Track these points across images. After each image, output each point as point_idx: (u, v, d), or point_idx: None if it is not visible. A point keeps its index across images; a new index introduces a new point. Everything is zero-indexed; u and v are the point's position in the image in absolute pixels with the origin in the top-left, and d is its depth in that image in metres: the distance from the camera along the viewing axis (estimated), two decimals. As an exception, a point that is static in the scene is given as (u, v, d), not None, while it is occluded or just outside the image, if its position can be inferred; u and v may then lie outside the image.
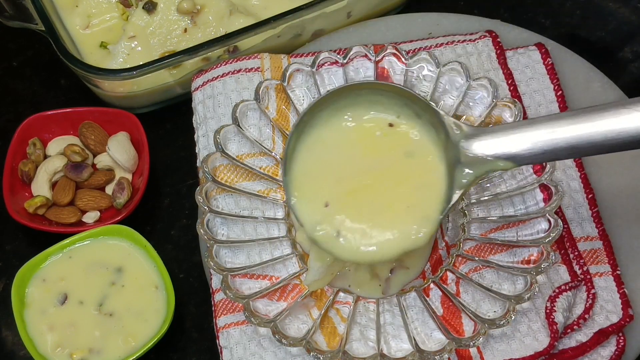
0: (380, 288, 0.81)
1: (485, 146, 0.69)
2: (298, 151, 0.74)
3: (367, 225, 0.72)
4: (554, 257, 0.77)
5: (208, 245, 0.80)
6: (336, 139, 0.75)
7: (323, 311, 0.79)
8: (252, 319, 0.76)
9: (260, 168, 0.86)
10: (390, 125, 0.74)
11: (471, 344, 0.74)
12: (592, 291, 0.80)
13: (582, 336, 0.78)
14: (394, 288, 0.81)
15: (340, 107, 0.75)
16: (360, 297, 0.81)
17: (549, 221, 0.79)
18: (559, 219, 0.79)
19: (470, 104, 0.87)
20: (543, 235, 0.79)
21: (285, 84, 0.88)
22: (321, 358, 0.75)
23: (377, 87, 0.74)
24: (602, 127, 0.65)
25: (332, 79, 0.89)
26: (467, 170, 0.70)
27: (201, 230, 0.80)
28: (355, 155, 0.74)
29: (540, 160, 0.69)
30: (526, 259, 0.79)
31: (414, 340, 0.77)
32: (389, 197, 0.72)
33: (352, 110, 0.75)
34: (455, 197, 0.70)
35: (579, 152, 0.67)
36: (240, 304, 0.78)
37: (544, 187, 0.81)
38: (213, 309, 0.82)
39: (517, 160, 0.68)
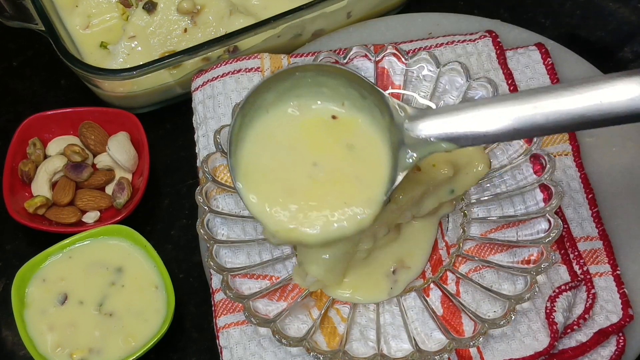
0: (387, 290, 0.81)
1: (427, 128, 0.69)
2: (243, 137, 0.73)
3: (313, 211, 0.72)
4: (554, 257, 0.77)
5: (208, 245, 0.80)
6: (281, 131, 0.74)
7: (323, 311, 0.79)
8: (252, 319, 0.76)
9: None
10: (334, 117, 0.74)
11: (471, 344, 0.74)
12: (592, 291, 0.80)
13: (582, 336, 0.78)
14: (399, 288, 0.81)
15: (286, 89, 0.73)
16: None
17: (549, 221, 0.79)
18: (559, 219, 0.79)
19: (471, 103, 0.87)
20: (543, 235, 0.79)
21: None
22: (321, 358, 0.75)
23: (323, 70, 0.73)
24: (544, 109, 0.65)
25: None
26: (410, 151, 0.69)
27: (201, 231, 0.80)
28: (300, 148, 0.73)
29: (482, 141, 0.69)
30: (526, 259, 0.79)
31: (414, 340, 0.77)
32: (334, 183, 0.72)
33: (297, 98, 0.74)
34: (399, 178, 0.70)
35: (521, 134, 0.66)
36: (240, 304, 0.78)
37: (544, 187, 0.81)
38: (213, 309, 0.82)
39: (459, 141, 0.68)
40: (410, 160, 0.70)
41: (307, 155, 0.73)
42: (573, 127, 0.65)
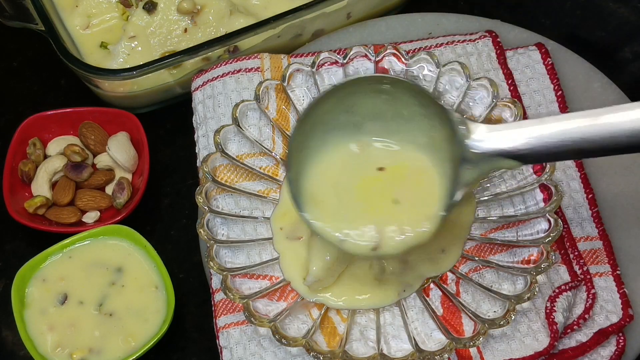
0: (399, 292, 0.81)
1: (490, 144, 0.68)
2: (302, 159, 0.74)
3: (374, 228, 0.73)
4: (554, 257, 0.77)
5: (208, 245, 0.80)
6: (336, 167, 0.75)
7: (323, 311, 0.79)
8: (252, 319, 0.76)
9: (260, 168, 0.86)
10: (380, 169, 0.74)
11: (471, 343, 0.74)
12: (592, 291, 0.80)
13: (582, 336, 0.78)
14: (413, 288, 0.81)
15: (344, 96, 0.73)
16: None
17: (549, 221, 0.79)
18: (559, 219, 0.79)
19: (470, 104, 0.87)
20: (543, 235, 0.79)
21: (285, 84, 0.88)
22: (321, 358, 0.75)
23: (381, 81, 0.73)
24: (611, 128, 0.64)
25: (332, 78, 0.89)
26: (471, 167, 0.69)
27: (201, 231, 0.80)
28: (353, 191, 0.75)
29: (545, 159, 0.68)
30: (526, 259, 0.79)
31: (414, 340, 0.77)
32: (393, 203, 0.73)
33: (355, 124, 0.75)
34: (459, 195, 0.70)
35: (584, 153, 0.66)
36: (240, 304, 0.78)
37: (543, 187, 0.81)
38: (213, 308, 0.82)
39: (522, 159, 0.67)
40: (470, 177, 0.69)
41: (358, 201, 0.74)
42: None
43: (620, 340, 0.78)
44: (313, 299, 0.80)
